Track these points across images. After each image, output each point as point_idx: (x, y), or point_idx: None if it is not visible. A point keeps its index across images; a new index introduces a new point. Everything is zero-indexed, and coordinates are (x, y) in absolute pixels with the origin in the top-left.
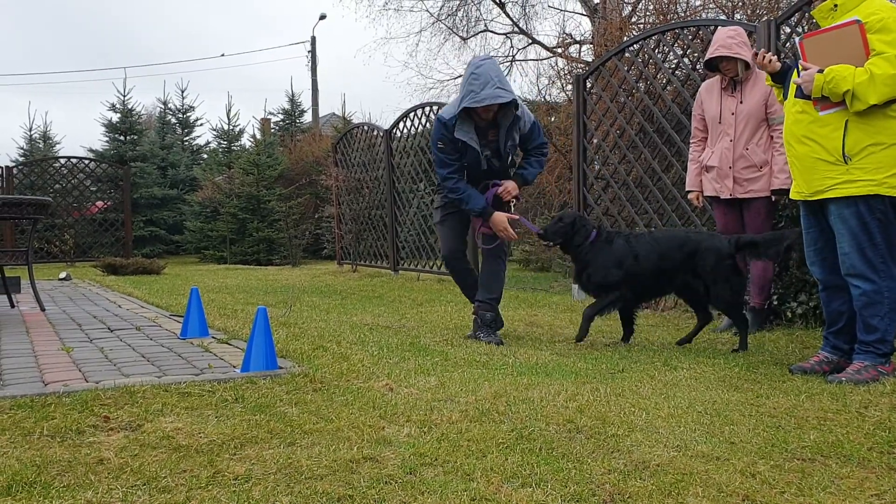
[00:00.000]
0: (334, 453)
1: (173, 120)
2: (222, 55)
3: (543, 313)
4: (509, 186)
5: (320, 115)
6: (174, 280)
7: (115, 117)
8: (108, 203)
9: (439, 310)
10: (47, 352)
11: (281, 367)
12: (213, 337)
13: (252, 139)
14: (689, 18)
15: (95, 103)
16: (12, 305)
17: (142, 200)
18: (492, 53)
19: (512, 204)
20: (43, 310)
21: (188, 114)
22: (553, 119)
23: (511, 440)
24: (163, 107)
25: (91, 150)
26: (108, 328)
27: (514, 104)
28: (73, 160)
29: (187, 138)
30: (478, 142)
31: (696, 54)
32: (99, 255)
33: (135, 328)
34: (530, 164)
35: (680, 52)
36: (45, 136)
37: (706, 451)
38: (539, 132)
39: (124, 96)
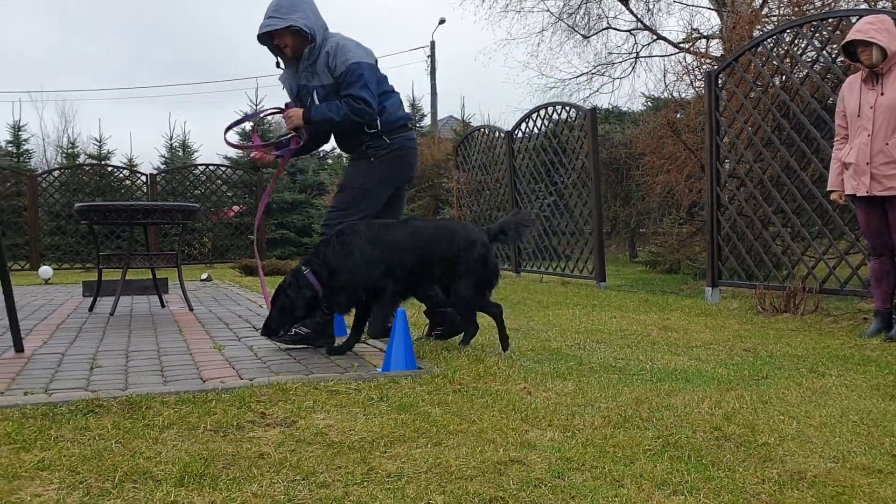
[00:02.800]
0: (481, 455)
1: None
2: None
3: (676, 317)
4: (291, 112)
5: (438, 118)
6: None
7: (248, 126)
8: (243, 207)
9: (566, 313)
10: (201, 349)
11: (420, 368)
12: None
13: None
14: (825, 9)
15: (229, 112)
16: (163, 305)
17: (273, 205)
18: (614, 51)
19: (291, 136)
20: (191, 310)
21: None
22: (680, 115)
23: (658, 447)
24: None
25: (226, 158)
26: (254, 327)
27: (305, 34)
28: (211, 167)
29: None
30: (290, 80)
31: (835, 46)
32: (235, 257)
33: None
34: (329, 104)
35: (818, 44)
36: (185, 145)
37: (866, 462)
38: (356, 80)
39: (256, 105)
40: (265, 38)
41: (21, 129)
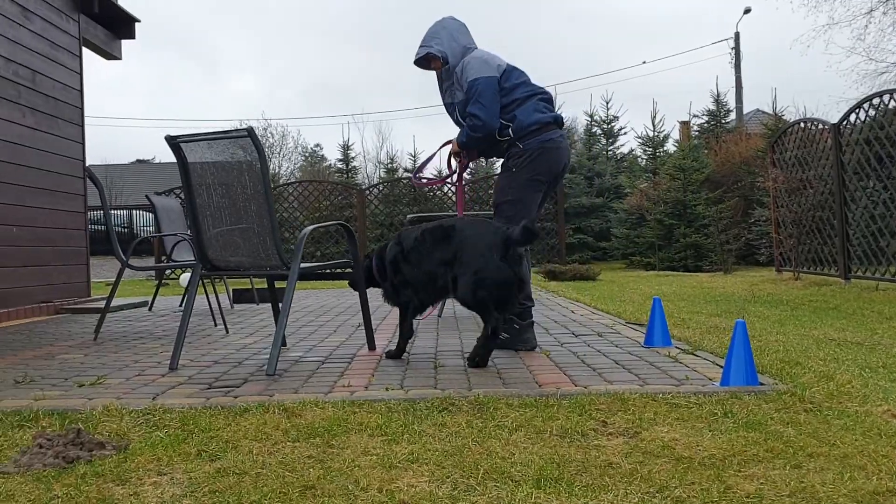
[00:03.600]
0: (851, 482)
1: (598, 131)
2: (643, 62)
3: None
4: (453, 141)
5: (744, 112)
6: (610, 287)
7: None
8: (541, 213)
9: None
10: (530, 353)
11: (762, 384)
12: (676, 347)
13: (676, 144)
14: None
15: None
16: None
17: (571, 210)
18: None
19: (455, 160)
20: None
21: (612, 124)
22: None
23: None
24: (589, 119)
25: None
26: (573, 333)
27: (439, 58)
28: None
29: (611, 147)
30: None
31: None
32: (534, 262)
33: (596, 334)
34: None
35: None
36: None
37: None
38: (471, 97)
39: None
40: (421, 63)
41: (349, 149)
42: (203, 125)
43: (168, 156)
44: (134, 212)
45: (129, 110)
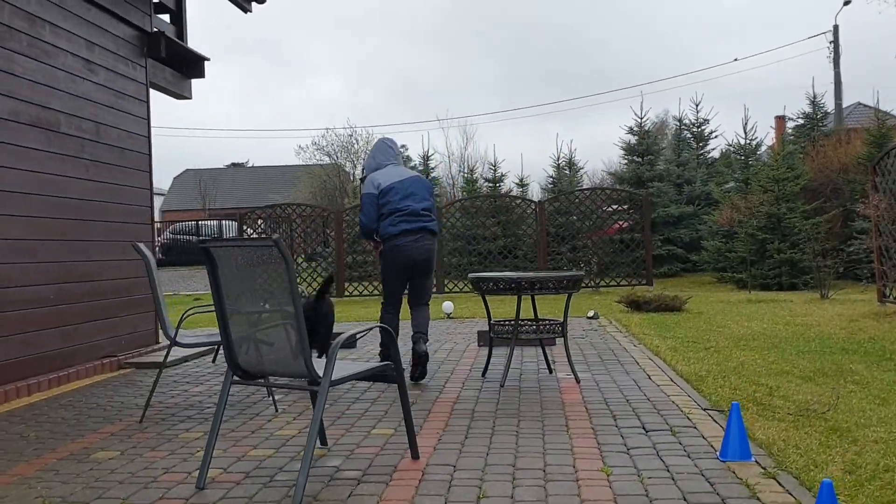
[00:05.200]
0: None
1: (688, 135)
2: (735, 59)
3: None
4: None
5: (844, 106)
6: (696, 323)
7: (633, 140)
8: (627, 224)
9: None
10: (587, 472)
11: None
12: (756, 460)
13: (769, 150)
14: None
15: (612, 126)
16: (550, 370)
17: (659, 219)
18: None
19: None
20: (578, 381)
21: (702, 127)
22: None
23: None
24: (678, 123)
25: (610, 174)
26: (643, 427)
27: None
28: (586, 191)
29: (702, 152)
30: None
31: None
32: (619, 275)
33: (670, 430)
34: None
35: None
36: (570, 163)
37: None
38: (362, 206)
39: (641, 118)
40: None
41: (429, 158)
42: (291, 133)
43: (261, 159)
44: (223, 222)
45: (222, 117)
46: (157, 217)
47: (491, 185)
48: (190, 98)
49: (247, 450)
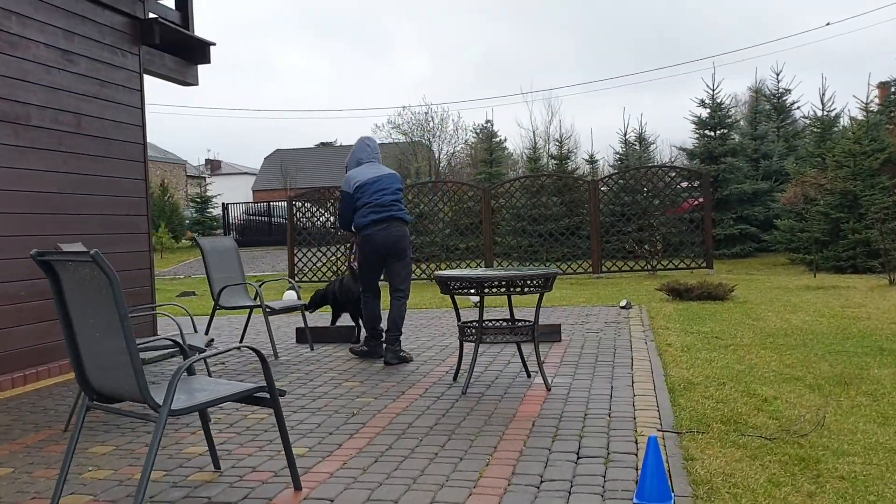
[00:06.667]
0: None
1: (767, 106)
2: (827, 24)
3: None
4: None
5: None
6: (734, 312)
7: (705, 113)
8: (698, 202)
9: None
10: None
11: None
12: None
13: (852, 121)
14: None
15: (683, 99)
16: (529, 374)
17: (732, 196)
18: None
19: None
20: (548, 388)
21: (783, 98)
22: None
23: None
24: (754, 94)
25: (681, 149)
26: (577, 453)
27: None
28: (663, 169)
29: (782, 125)
30: None
31: None
32: (686, 256)
33: (604, 459)
34: None
35: None
36: (641, 138)
37: None
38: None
39: (713, 90)
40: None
41: (495, 146)
42: (371, 112)
43: (349, 138)
44: (295, 203)
45: (312, 97)
46: (248, 197)
47: (557, 162)
48: (196, 84)
49: (135, 472)
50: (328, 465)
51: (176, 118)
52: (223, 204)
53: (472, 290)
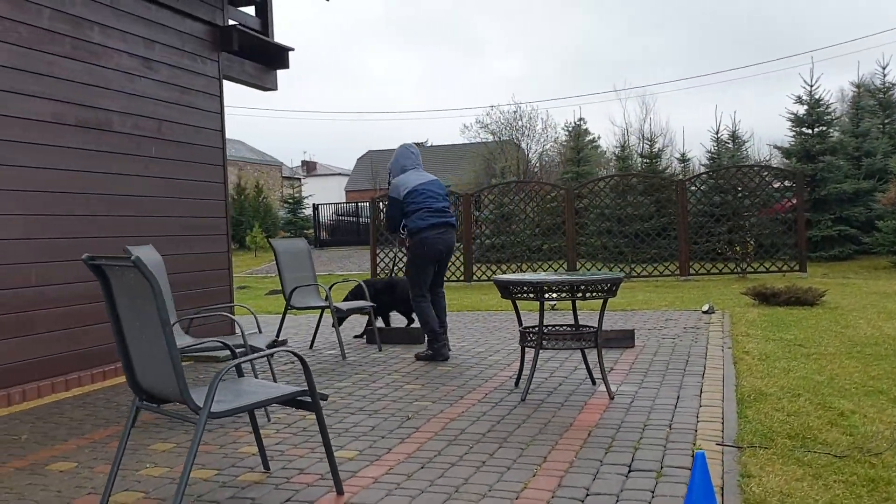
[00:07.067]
0: None
1: (871, 102)
2: None
3: None
4: None
5: None
6: (822, 319)
7: (801, 110)
8: (792, 202)
9: None
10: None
11: None
12: None
13: None
14: None
15: (779, 96)
16: (593, 381)
17: (830, 196)
18: None
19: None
20: (611, 397)
21: (889, 93)
22: None
23: None
24: (856, 90)
25: (776, 147)
26: (629, 466)
27: (389, 171)
28: (754, 168)
29: (888, 121)
30: None
31: None
32: (780, 258)
33: (656, 474)
34: None
35: None
36: (734, 136)
37: None
38: (388, 206)
39: (811, 86)
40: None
41: (582, 147)
42: (461, 112)
43: (438, 139)
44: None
45: (406, 99)
46: (342, 197)
47: (648, 161)
48: (275, 89)
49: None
50: (375, 469)
51: (274, 122)
52: (313, 205)
53: (532, 295)
